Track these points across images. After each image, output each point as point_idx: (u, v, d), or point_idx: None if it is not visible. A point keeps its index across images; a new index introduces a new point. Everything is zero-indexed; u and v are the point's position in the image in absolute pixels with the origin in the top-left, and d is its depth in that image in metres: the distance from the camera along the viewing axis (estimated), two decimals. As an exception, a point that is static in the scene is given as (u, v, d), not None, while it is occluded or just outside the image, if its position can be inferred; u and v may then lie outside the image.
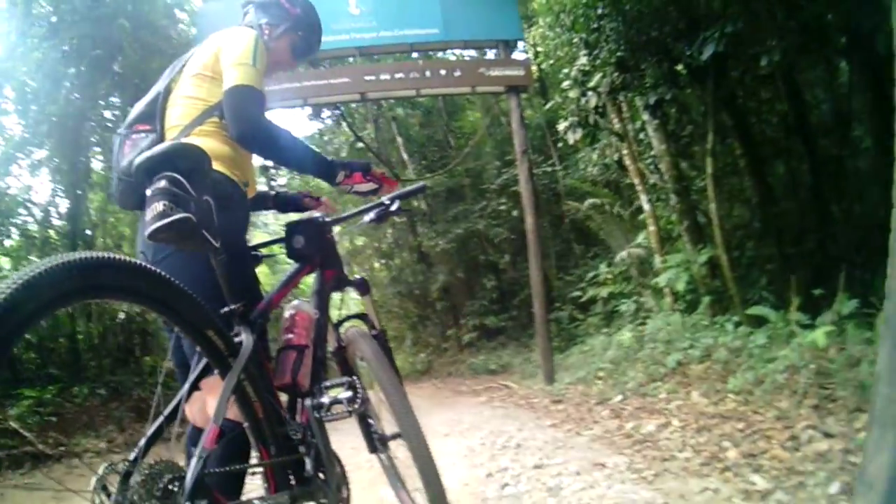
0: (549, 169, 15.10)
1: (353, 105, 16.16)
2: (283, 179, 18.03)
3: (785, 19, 6.44)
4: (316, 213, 2.82)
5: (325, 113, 18.01)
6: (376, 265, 20.16)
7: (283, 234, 2.67)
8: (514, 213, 14.81)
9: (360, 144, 16.21)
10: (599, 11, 7.61)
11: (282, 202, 3.11)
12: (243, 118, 2.31)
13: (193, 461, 1.63)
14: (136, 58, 9.98)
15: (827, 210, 8.28)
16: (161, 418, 1.75)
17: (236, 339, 1.98)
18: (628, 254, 10.27)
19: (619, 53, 7.69)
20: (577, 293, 12.45)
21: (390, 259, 20.14)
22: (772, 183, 8.79)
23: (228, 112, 2.33)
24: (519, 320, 15.30)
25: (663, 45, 7.41)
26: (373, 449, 2.90)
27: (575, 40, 8.62)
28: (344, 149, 16.87)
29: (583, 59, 8.50)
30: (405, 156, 17.71)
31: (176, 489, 1.57)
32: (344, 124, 16.86)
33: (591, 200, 12.07)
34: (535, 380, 9.56)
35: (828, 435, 3.76)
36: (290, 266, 2.64)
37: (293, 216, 2.93)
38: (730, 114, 8.11)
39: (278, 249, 2.91)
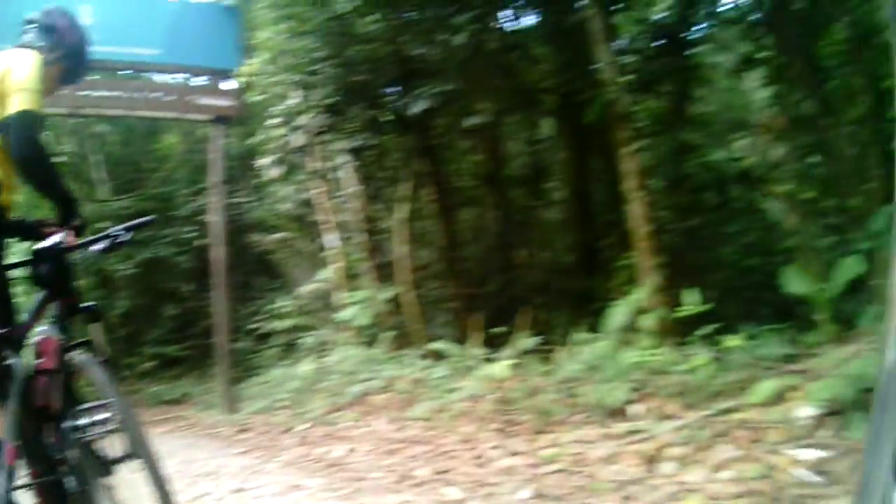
0: (239, 200, 15.04)
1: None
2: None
3: (499, 82, 7.04)
4: (56, 238, 2.83)
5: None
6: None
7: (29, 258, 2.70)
8: (200, 241, 14.56)
9: (58, 159, 15.00)
10: (322, 55, 7.74)
11: (21, 230, 2.98)
12: (28, 143, 2.44)
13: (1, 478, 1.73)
14: None
15: (511, 255, 9.14)
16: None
17: (5, 363, 2.08)
18: (312, 288, 10.63)
19: (331, 98, 7.87)
20: (258, 325, 12.59)
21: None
22: (460, 228, 9.48)
23: (15, 135, 2.43)
24: (199, 350, 14.93)
25: (373, 92, 7.78)
26: (102, 473, 2.98)
27: (290, 80, 8.62)
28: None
29: (295, 99, 8.62)
30: (100, 174, 16.66)
31: None
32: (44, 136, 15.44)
33: (277, 234, 12.28)
34: (217, 410, 9.54)
35: (514, 453, 4.34)
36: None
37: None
38: (427, 161, 8.64)
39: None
